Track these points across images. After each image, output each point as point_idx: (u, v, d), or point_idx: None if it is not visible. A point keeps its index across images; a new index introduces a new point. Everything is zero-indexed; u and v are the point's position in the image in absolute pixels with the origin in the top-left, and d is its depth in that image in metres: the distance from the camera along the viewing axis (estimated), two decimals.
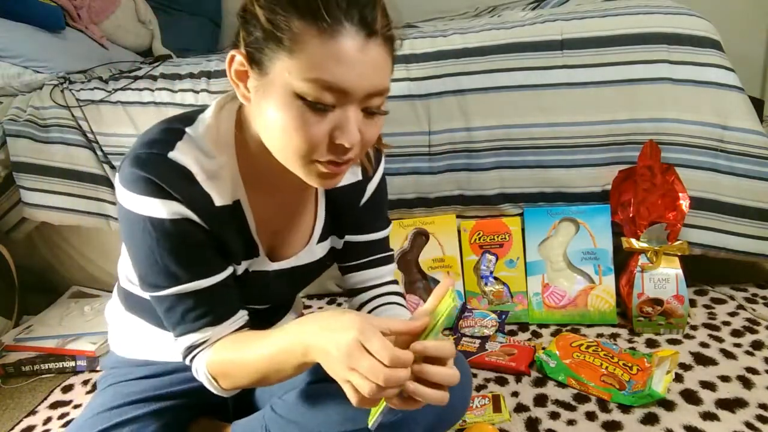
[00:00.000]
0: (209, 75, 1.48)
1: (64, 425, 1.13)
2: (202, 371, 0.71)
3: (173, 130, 0.69)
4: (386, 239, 0.92)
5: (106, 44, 2.00)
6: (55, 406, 1.20)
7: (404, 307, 0.90)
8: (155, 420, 0.81)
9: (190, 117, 0.71)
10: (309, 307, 1.52)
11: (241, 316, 0.74)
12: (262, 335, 0.68)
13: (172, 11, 2.38)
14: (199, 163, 0.67)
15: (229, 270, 0.73)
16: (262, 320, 0.90)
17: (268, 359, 0.65)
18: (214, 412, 0.91)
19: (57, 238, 1.60)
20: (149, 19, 2.24)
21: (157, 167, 0.65)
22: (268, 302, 0.88)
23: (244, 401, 0.92)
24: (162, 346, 0.88)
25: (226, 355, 0.70)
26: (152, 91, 1.48)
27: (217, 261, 0.72)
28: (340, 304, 1.52)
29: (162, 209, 0.65)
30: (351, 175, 0.84)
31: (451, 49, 1.34)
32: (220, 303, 0.72)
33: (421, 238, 1.39)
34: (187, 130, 0.69)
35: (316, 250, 0.85)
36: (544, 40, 1.30)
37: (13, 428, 1.14)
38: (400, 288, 0.94)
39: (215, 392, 0.73)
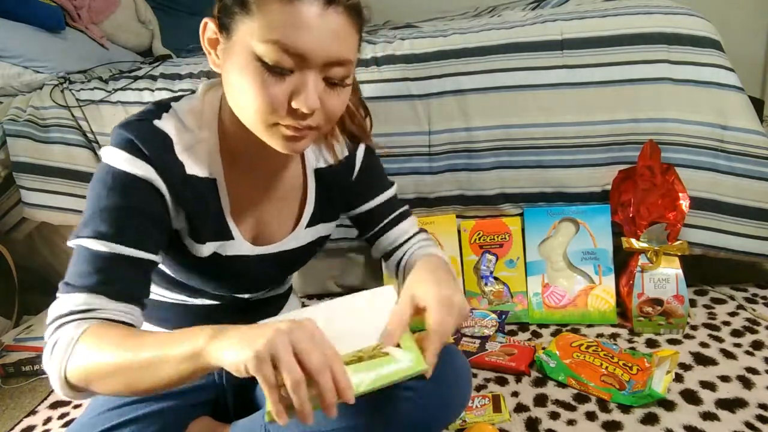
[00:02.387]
0: (209, 75, 1.48)
1: (64, 425, 1.13)
2: (66, 339, 0.61)
3: (162, 104, 0.73)
4: (395, 198, 0.93)
5: (106, 44, 2.00)
6: (55, 406, 1.20)
7: (434, 245, 0.90)
8: (156, 420, 0.81)
9: (180, 96, 0.75)
10: None
11: (138, 314, 0.68)
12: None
13: (172, 11, 2.39)
14: (179, 134, 0.71)
15: (157, 258, 0.70)
16: (254, 312, 0.90)
17: (161, 339, 0.59)
18: (214, 412, 0.92)
19: (57, 238, 1.60)
20: (149, 19, 2.24)
21: (140, 130, 0.68)
22: (253, 287, 0.88)
23: (244, 401, 0.92)
24: None
25: (116, 330, 0.62)
26: (152, 91, 1.48)
27: (152, 240, 0.69)
28: None
29: (129, 165, 0.67)
30: (338, 154, 0.85)
31: (451, 49, 1.34)
32: (129, 281, 0.67)
33: None
34: (173, 104, 0.73)
35: (304, 236, 0.86)
36: (544, 40, 1.30)
37: (13, 428, 1.14)
38: (427, 234, 0.94)
39: (53, 378, 0.62)
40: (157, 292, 0.86)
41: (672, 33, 1.27)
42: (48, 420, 1.16)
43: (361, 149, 0.88)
